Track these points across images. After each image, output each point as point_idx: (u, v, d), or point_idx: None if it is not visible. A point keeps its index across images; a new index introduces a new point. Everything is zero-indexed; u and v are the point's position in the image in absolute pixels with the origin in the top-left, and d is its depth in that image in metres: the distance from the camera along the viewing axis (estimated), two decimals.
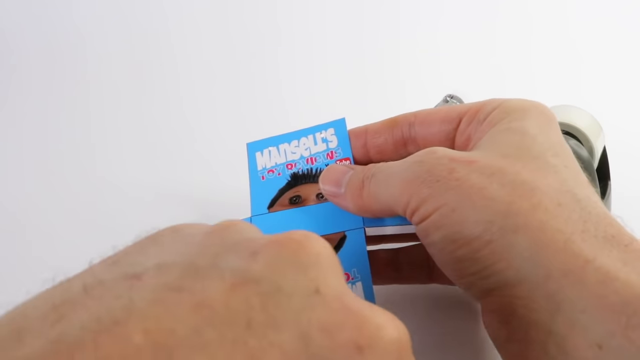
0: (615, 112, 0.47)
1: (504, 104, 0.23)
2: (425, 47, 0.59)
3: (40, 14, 0.61)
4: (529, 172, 0.19)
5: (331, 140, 0.29)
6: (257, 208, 0.29)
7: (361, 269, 0.25)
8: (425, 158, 0.21)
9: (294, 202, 0.28)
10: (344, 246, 0.26)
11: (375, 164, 0.25)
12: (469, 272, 0.19)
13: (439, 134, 0.25)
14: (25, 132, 0.51)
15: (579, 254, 0.17)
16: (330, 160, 0.29)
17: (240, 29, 0.60)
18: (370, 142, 0.28)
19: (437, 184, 0.19)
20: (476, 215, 0.18)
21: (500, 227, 0.18)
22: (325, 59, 0.58)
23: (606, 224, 0.18)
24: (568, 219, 0.18)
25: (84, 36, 0.60)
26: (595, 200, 0.19)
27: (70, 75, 0.57)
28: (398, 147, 0.27)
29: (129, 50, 0.59)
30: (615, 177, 0.34)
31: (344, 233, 0.26)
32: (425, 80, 0.54)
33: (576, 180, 0.20)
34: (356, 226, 0.26)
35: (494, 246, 0.18)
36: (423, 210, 0.20)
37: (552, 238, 0.17)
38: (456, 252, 0.19)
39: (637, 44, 0.57)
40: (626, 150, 0.42)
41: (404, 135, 0.27)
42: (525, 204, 0.18)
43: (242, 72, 0.55)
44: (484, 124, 0.23)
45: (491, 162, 0.20)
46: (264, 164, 0.30)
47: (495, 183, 0.19)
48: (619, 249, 0.17)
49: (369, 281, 0.24)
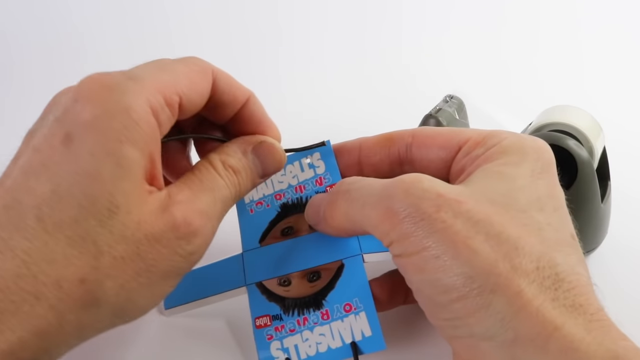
0: (615, 112, 0.47)
1: (504, 142, 0.23)
2: (426, 48, 0.59)
3: (40, 12, 0.61)
4: (514, 227, 0.19)
5: (318, 165, 0.28)
6: (248, 243, 0.27)
7: (363, 298, 0.24)
8: (411, 189, 0.20)
9: (286, 233, 0.27)
10: (343, 275, 0.25)
11: (349, 178, 0.24)
12: (441, 317, 0.20)
13: (436, 160, 0.25)
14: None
15: (550, 321, 0.17)
16: (319, 187, 0.27)
17: (241, 29, 0.60)
18: (364, 160, 0.27)
19: (422, 223, 0.19)
20: (458, 268, 0.18)
21: (479, 285, 0.18)
22: (326, 59, 0.58)
23: (576, 293, 0.18)
24: (542, 285, 0.18)
25: (83, 35, 0.60)
26: (571, 264, 0.19)
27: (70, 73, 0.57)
28: (394, 166, 0.26)
29: (130, 49, 0.59)
30: (615, 177, 0.34)
31: (341, 262, 0.25)
32: (425, 80, 0.54)
33: (557, 239, 0.20)
34: (353, 253, 0.25)
35: (470, 302, 0.18)
36: (404, 247, 0.20)
37: (526, 303, 0.18)
38: (433, 297, 0.20)
39: (637, 45, 0.57)
40: (626, 150, 0.42)
41: (400, 155, 0.26)
42: (507, 266, 0.18)
43: (242, 72, 0.55)
44: (480, 159, 0.23)
45: (478, 207, 0.19)
46: (251, 196, 0.28)
47: (480, 234, 0.19)
48: (584, 317, 0.18)
49: (373, 310, 0.24)
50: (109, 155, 0.19)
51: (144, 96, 0.20)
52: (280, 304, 0.25)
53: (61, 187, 0.19)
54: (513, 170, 0.21)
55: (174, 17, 0.61)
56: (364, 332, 0.23)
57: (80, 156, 0.19)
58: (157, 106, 0.20)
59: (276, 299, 0.25)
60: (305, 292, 0.25)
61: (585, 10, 0.61)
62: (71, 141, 0.19)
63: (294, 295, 0.25)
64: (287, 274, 0.26)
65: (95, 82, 0.20)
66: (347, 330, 0.23)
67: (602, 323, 0.18)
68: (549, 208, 0.21)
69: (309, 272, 0.25)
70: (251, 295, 0.26)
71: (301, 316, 0.24)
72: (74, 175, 0.19)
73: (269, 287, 0.26)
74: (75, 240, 0.18)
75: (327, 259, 0.25)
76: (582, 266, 0.20)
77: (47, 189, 0.19)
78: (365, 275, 0.24)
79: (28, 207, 0.18)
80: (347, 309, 0.24)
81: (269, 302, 0.25)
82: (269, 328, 0.25)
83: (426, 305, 0.21)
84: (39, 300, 0.18)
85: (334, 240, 0.25)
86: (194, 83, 0.22)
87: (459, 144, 0.24)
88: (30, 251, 0.18)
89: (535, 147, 0.23)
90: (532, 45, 0.59)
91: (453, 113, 0.38)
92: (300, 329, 0.24)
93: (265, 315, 0.25)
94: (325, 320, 0.24)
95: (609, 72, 0.54)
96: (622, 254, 0.34)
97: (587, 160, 0.29)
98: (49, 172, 0.19)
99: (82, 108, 0.19)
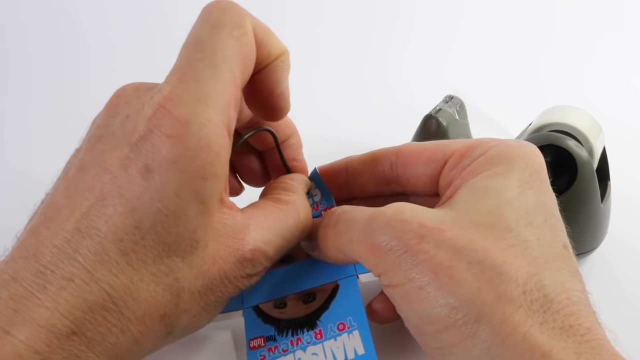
0: (615, 112, 0.47)
1: (490, 151, 0.22)
2: (426, 48, 0.59)
3: (42, 9, 0.61)
4: (499, 250, 0.19)
5: (315, 194, 0.28)
6: None
7: (357, 317, 0.24)
8: (393, 222, 0.20)
9: (284, 260, 0.27)
10: (337, 296, 0.25)
11: (338, 208, 0.24)
12: (429, 346, 0.20)
13: (422, 177, 0.25)
14: (26, 127, 0.51)
15: (537, 347, 0.17)
16: (316, 212, 0.27)
17: None
18: (352, 180, 0.27)
19: (405, 255, 0.19)
20: (442, 299, 0.18)
21: (464, 315, 0.18)
22: (326, 59, 0.58)
23: (566, 313, 0.18)
24: (529, 309, 0.18)
25: (85, 31, 0.60)
26: (561, 282, 0.19)
27: (71, 71, 0.57)
28: (380, 186, 0.26)
29: (132, 49, 0.59)
30: (615, 177, 0.34)
31: (336, 283, 0.25)
32: (425, 81, 0.54)
33: (546, 255, 0.20)
34: (348, 274, 0.25)
35: (456, 332, 0.18)
36: (391, 279, 0.20)
37: (512, 330, 0.17)
38: (420, 326, 0.20)
39: (637, 45, 0.57)
40: (626, 150, 0.42)
41: (386, 174, 0.26)
42: (491, 294, 0.18)
43: None
44: (465, 172, 0.22)
45: (461, 234, 0.19)
46: None
47: (463, 262, 0.19)
48: (574, 339, 0.18)
49: (367, 329, 0.23)
50: (194, 196, 0.19)
51: (218, 120, 0.19)
52: (275, 326, 0.25)
53: (144, 224, 0.18)
54: (500, 182, 0.21)
55: (177, 16, 0.61)
56: (357, 351, 0.23)
57: (165, 195, 0.18)
58: (230, 124, 0.20)
59: (271, 321, 0.25)
60: (300, 313, 0.25)
61: (585, 11, 0.61)
62: (152, 176, 0.18)
63: (289, 317, 0.25)
64: (283, 297, 0.26)
65: (170, 116, 0.18)
66: (340, 349, 0.23)
67: (593, 344, 0.18)
68: (538, 220, 0.20)
69: (304, 293, 0.25)
70: (247, 318, 0.26)
71: (295, 336, 0.24)
72: (158, 215, 0.18)
73: (264, 310, 0.26)
74: (160, 277, 0.19)
75: (322, 281, 0.25)
76: (574, 280, 0.19)
77: (129, 224, 0.18)
78: (360, 295, 0.24)
79: (109, 238, 0.18)
80: (340, 328, 0.24)
81: (264, 324, 0.25)
82: (262, 349, 0.25)
83: (415, 334, 0.21)
84: (124, 334, 0.18)
85: (329, 264, 0.25)
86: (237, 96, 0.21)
87: (444, 157, 0.24)
88: (116, 286, 0.18)
89: (522, 154, 0.22)
90: (532, 46, 0.59)
91: (453, 113, 0.39)
92: (293, 349, 0.24)
93: (260, 337, 0.25)
94: (319, 340, 0.24)
95: (608, 72, 0.54)
96: (622, 254, 0.34)
97: (586, 161, 0.29)
98: (128, 204, 0.18)
99: (161, 143, 0.18)
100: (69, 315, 0.17)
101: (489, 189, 0.21)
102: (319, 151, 0.30)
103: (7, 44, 0.58)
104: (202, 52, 0.19)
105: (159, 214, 0.18)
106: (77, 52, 0.59)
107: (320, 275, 0.25)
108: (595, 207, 0.31)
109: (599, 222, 0.32)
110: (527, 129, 0.35)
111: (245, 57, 0.20)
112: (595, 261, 0.33)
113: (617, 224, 0.34)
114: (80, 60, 0.59)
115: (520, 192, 0.21)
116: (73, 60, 0.59)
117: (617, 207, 0.34)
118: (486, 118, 0.47)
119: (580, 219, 0.30)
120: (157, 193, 0.18)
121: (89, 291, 0.17)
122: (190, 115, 0.18)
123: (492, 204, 0.20)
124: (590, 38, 0.59)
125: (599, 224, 0.32)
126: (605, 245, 0.33)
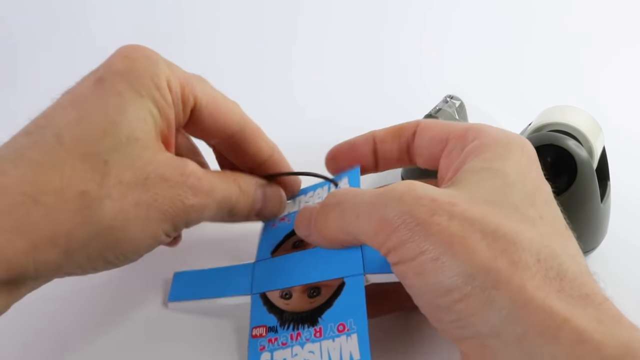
0: (615, 112, 0.47)
1: (482, 135, 0.23)
2: (426, 48, 0.59)
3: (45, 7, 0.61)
4: (510, 223, 0.19)
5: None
6: (262, 253, 0.29)
7: (358, 321, 0.23)
8: (404, 196, 0.20)
9: (297, 246, 0.27)
10: (342, 294, 0.24)
11: (338, 191, 0.24)
12: (445, 320, 0.19)
13: (426, 152, 0.26)
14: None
15: (557, 313, 0.17)
16: None
17: (246, 29, 0.60)
18: (378, 149, 0.28)
19: (417, 228, 0.19)
20: (458, 267, 0.18)
21: (481, 282, 0.18)
22: (326, 60, 0.58)
23: (581, 283, 0.18)
24: (546, 277, 0.18)
25: (91, 29, 0.60)
26: (571, 254, 0.19)
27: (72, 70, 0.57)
28: (403, 155, 0.28)
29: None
30: (615, 177, 0.34)
31: (342, 279, 0.25)
32: (425, 81, 0.54)
33: (553, 231, 0.20)
34: (355, 272, 0.24)
35: (473, 300, 0.18)
36: (402, 253, 0.20)
37: (531, 296, 0.17)
38: (435, 300, 0.19)
39: (637, 45, 0.57)
40: (626, 150, 0.42)
41: (409, 144, 0.27)
42: (506, 261, 0.18)
43: (249, 71, 0.55)
44: (463, 153, 0.23)
45: (472, 208, 0.19)
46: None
47: (477, 232, 0.19)
48: (593, 306, 0.18)
49: (366, 334, 0.23)
50: (135, 98, 0.21)
51: (168, 76, 0.23)
52: (278, 317, 0.25)
53: (85, 114, 0.21)
54: (501, 165, 0.21)
55: (182, 16, 0.61)
56: (353, 355, 0.22)
57: (109, 94, 0.21)
58: (175, 93, 0.23)
59: (275, 311, 0.25)
60: (304, 307, 0.25)
61: (585, 11, 0.61)
62: (102, 83, 0.21)
63: (293, 309, 0.25)
64: (289, 287, 0.26)
65: (138, 48, 0.23)
66: (336, 351, 0.23)
67: (611, 312, 0.18)
68: (539, 201, 0.21)
69: (309, 287, 0.25)
70: (254, 304, 0.26)
71: (295, 331, 0.24)
72: (99, 106, 0.21)
73: (270, 299, 0.26)
74: (88, 157, 0.20)
75: (328, 276, 0.25)
76: (581, 256, 0.20)
77: (71, 117, 0.20)
78: (364, 297, 0.24)
79: (49, 130, 0.20)
80: (340, 329, 0.23)
81: (268, 314, 0.25)
82: (263, 339, 0.25)
83: (428, 309, 0.20)
84: (37, 205, 0.19)
85: (338, 256, 0.25)
86: (220, 112, 0.26)
87: (447, 138, 0.25)
88: (44, 162, 0.19)
89: (514, 139, 0.23)
90: (532, 46, 0.59)
91: (453, 113, 0.39)
92: (292, 343, 0.24)
93: (262, 326, 0.25)
94: (317, 338, 0.24)
95: (608, 72, 0.54)
96: (622, 254, 0.34)
97: (586, 160, 0.29)
98: (75, 104, 0.21)
99: (117, 60, 0.22)
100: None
101: (492, 171, 0.21)
102: (318, 152, 0.30)
103: (9, 44, 0.58)
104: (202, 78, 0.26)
105: (101, 105, 0.21)
106: (80, 53, 0.59)
107: (328, 269, 0.25)
108: (595, 206, 0.31)
109: (598, 222, 0.32)
110: (526, 128, 0.35)
111: (219, 109, 0.26)
112: (595, 261, 0.33)
113: (616, 224, 0.34)
114: (84, 61, 0.59)
115: (521, 175, 0.21)
116: (75, 60, 0.59)
117: (617, 207, 0.34)
118: (486, 118, 0.47)
119: (580, 218, 0.30)
120: (103, 93, 0.21)
121: (13, 166, 0.19)
122: (153, 56, 0.23)
123: (497, 184, 0.21)
124: (590, 38, 0.59)
125: (598, 223, 0.32)
126: (605, 245, 0.33)
